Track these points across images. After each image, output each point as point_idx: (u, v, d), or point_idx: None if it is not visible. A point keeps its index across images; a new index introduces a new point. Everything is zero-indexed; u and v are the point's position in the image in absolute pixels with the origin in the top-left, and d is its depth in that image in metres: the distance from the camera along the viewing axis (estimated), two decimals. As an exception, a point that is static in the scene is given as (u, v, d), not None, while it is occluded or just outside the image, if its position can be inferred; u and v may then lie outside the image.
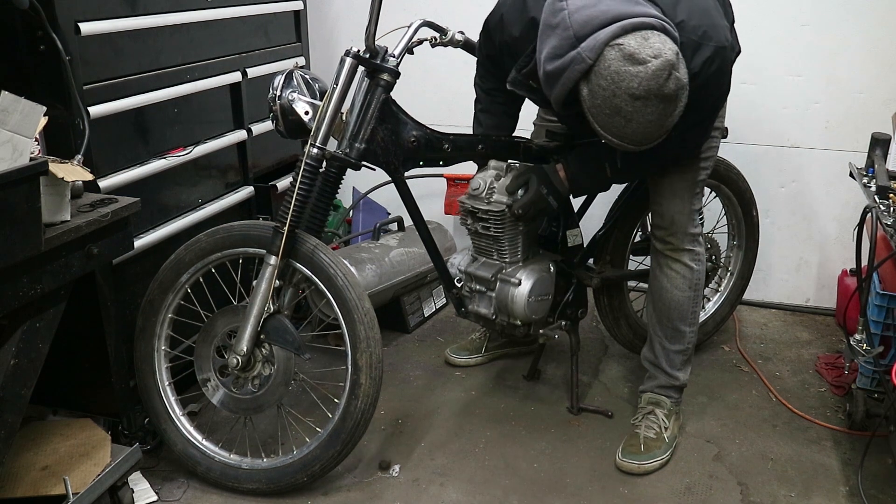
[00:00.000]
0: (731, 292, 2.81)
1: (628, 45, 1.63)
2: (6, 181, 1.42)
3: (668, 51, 1.64)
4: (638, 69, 1.62)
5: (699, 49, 1.78)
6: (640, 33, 1.64)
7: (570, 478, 2.13)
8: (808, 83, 2.85)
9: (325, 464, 2.00)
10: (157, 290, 2.07)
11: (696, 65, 1.77)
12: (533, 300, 2.23)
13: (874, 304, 2.10)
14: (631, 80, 1.63)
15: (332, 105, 1.94)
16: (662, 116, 1.69)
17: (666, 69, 1.63)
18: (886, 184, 2.16)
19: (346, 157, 1.97)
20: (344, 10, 3.28)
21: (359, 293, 1.97)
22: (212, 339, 2.05)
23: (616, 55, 1.63)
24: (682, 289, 2.18)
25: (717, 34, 1.80)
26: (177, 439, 2.09)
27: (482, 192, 2.20)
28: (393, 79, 1.97)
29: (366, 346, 1.96)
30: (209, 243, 2.05)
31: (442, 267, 2.28)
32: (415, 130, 2.07)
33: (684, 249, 2.16)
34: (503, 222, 2.20)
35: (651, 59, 1.62)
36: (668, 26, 1.70)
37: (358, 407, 1.97)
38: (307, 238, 1.98)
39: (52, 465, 1.82)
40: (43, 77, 1.81)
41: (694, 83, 1.74)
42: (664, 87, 1.64)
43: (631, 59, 1.62)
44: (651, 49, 1.63)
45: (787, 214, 3.02)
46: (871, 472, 2.12)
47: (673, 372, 2.26)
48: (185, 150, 2.24)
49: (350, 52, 1.95)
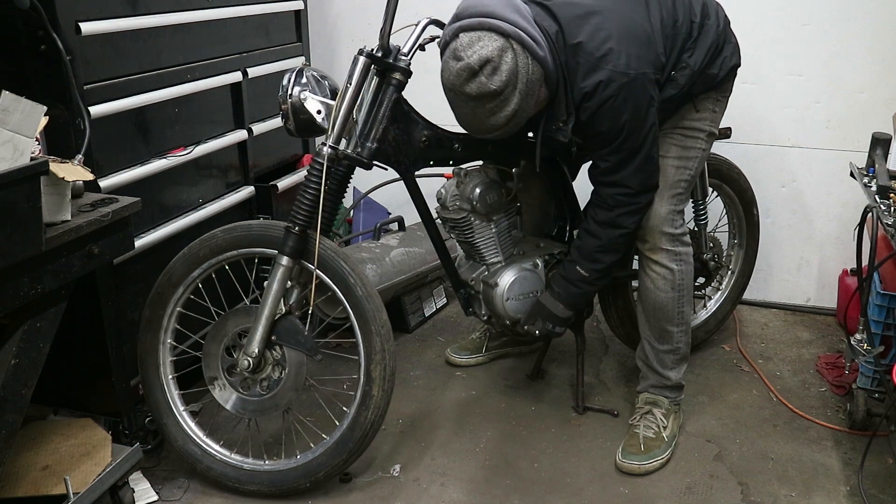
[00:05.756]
0: (731, 290, 2.82)
1: (460, 40, 1.80)
2: (7, 181, 1.42)
3: (476, 56, 1.77)
4: (451, 64, 1.81)
5: (594, 71, 1.87)
6: (476, 33, 1.79)
7: (570, 478, 2.13)
8: (809, 83, 2.85)
9: (330, 471, 1.99)
10: (166, 282, 2.04)
11: (588, 85, 1.88)
12: (512, 300, 2.24)
13: (875, 304, 2.10)
14: (445, 71, 1.83)
15: (345, 104, 1.92)
16: (476, 113, 1.85)
17: (466, 71, 1.78)
18: (887, 183, 2.15)
19: (359, 156, 1.94)
20: (344, 10, 3.28)
21: (378, 304, 1.95)
22: (222, 337, 2.03)
23: (451, 46, 1.82)
24: (664, 289, 2.17)
25: (619, 59, 1.86)
26: (177, 435, 2.07)
27: (445, 200, 2.24)
28: (405, 78, 1.96)
29: (381, 357, 1.94)
30: (226, 240, 2.02)
31: (451, 268, 2.28)
32: (426, 130, 2.07)
33: (662, 249, 2.14)
34: (470, 227, 2.24)
35: (462, 59, 1.78)
36: (529, 40, 1.80)
37: (368, 418, 1.96)
38: (323, 241, 1.95)
39: (52, 465, 1.82)
40: (44, 77, 1.81)
41: (587, 103, 1.90)
42: (464, 87, 1.80)
43: (453, 53, 1.80)
44: (469, 50, 1.78)
45: (787, 214, 3.02)
46: (871, 471, 2.12)
47: (664, 372, 2.26)
48: (185, 150, 2.24)
49: (364, 50, 1.92)
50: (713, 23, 2.08)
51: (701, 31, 2.04)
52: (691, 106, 2.12)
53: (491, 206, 2.23)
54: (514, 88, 1.80)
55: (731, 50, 2.14)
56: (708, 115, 2.16)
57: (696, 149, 2.16)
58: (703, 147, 2.18)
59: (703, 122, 2.15)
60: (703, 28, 2.05)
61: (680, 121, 2.13)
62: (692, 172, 2.16)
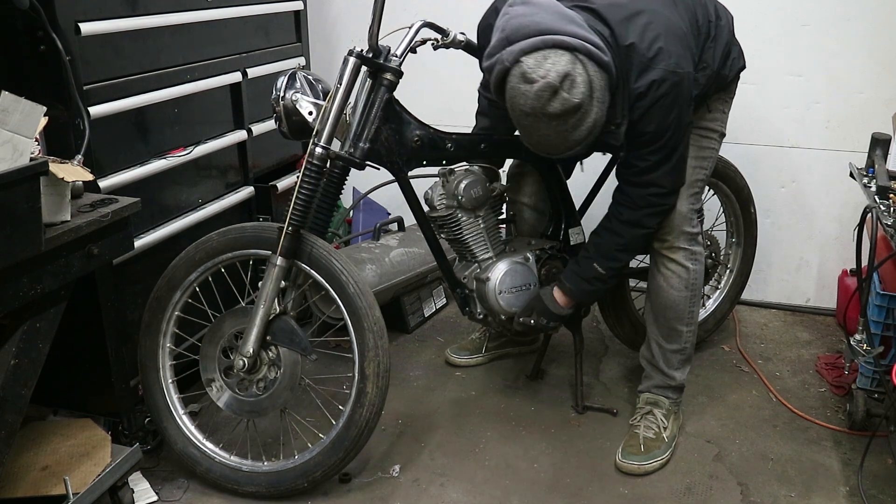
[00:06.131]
0: (730, 289, 2.83)
1: (526, 63, 1.73)
2: (6, 181, 1.42)
3: (554, 73, 1.72)
4: (526, 88, 1.74)
5: (647, 70, 1.86)
6: (542, 52, 1.73)
7: (570, 478, 2.13)
8: (808, 83, 2.85)
9: (327, 470, 1.99)
10: (165, 286, 2.06)
11: (641, 85, 1.86)
12: (505, 293, 2.25)
13: (874, 304, 2.10)
14: (520, 97, 1.76)
15: (335, 105, 1.93)
16: (559, 131, 1.79)
17: (547, 90, 1.72)
18: (886, 184, 2.16)
19: (351, 156, 1.96)
20: (344, 11, 3.28)
21: (370, 301, 1.96)
22: (218, 339, 2.04)
23: (516, 71, 1.75)
24: (679, 288, 2.18)
25: (670, 59, 1.86)
26: (177, 438, 2.08)
27: (433, 200, 2.25)
28: (396, 78, 1.97)
29: (374, 354, 1.95)
30: (221, 243, 2.03)
31: (447, 267, 2.28)
32: (418, 130, 2.07)
33: (680, 248, 2.15)
34: (457, 224, 2.25)
35: (539, 79, 1.72)
36: (594, 48, 1.77)
37: (363, 416, 1.96)
38: (314, 240, 1.97)
39: (52, 465, 1.82)
40: (43, 77, 1.81)
41: (639, 103, 1.86)
42: (547, 107, 1.73)
43: (523, 77, 1.74)
44: (541, 70, 1.72)
45: (787, 214, 3.02)
46: (871, 472, 2.12)
47: (670, 371, 2.26)
48: (185, 150, 2.24)
49: (353, 51, 1.94)
50: (725, 24, 2.10)
51: (717, 32, 2.06)
52: (705, 107, 2.14)
53: (476, 199, 2.23)
54: (591, 98, 1.77)
55: (738, 52, 2.16)
56: (719, 115, 2.19)
57: (711, 148, 2.18)
58: (716, 147, 2.21)
59: (716, 123, 2.19)
60: (718, 28, 2.06)
61: (697, 121, 2.13)
62: (707, 172, 2.19)
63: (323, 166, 1.95)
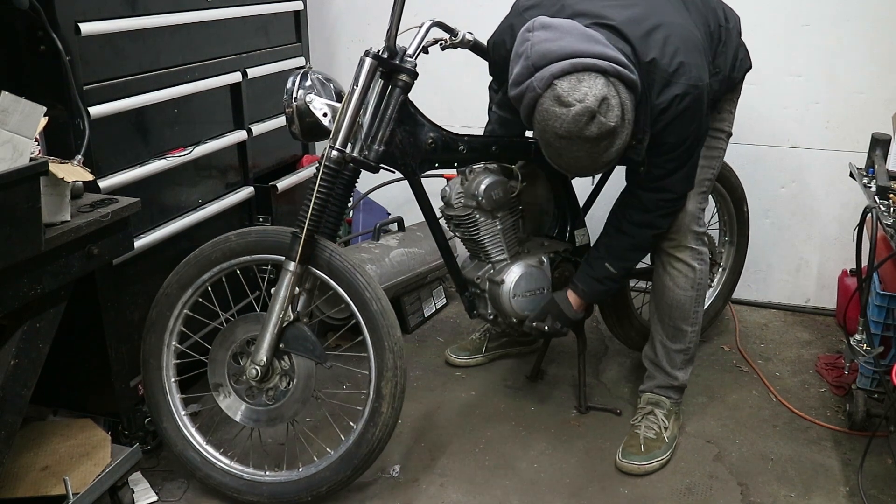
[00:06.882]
0: (723, 287, 2.85)
1: (560, 86, 1.72)
2: (6, 181, 1.42)
3: (592, 97, 1.71)
4: (562, 111, 1.73)
5: (669, 85, 1.86)
6: (575, 76, 1.73)
7: (570, 478, 2.13)
8: (808, 83, 2.85)
9: (333, 487, 1.95)
10: (175, 284, 2.01)
11: (664, 101, 1.86)
12: (519, 297, 2.24)
13: (874, 305, 2.10)
14: (555, 120, 1.74)
15: (352, 106, 1.89)
16: (591, 153, 1.79)
17: (585, 115, 1.71)
18: (886, 184, 2.16)
19: (366, 159, 1.92)
20: (344, 11, 3.28)
21: (392, 321, 1.91)
22: (230, 344, 1.99)
23: (550, 94, 1.74)
24: (685, 288, 2.19)
25: (690, 72, 1.86)
26: (177, 440, 2.04)
27: (450, 198, 2.24)
28: (411, 79, 1.94)
29: (392, 374, 1.91)
30: (239, 244, 1.98)
31: (454, 268, 2.28)
32: (432, 132, 2.05)
33: (687, 247, 2.16)
34: (475, 224, 2.23)
35: (576, 103, 1.71)
36: (623, 69, 1.76)
37: (375, 435, 1.92)
38: (333, 247, 1.92)
39: (52, 466, 1.82)
40: (43, 77, 1.81)
41: (661, 117, 1.88)
42: (584, 131, 1.73)
43: (559, 100, 1.73)
44: (578, 93, 1.71)
45: (787, 214, 3.02)
46: (871, 472, 2.12)
47: (673, 371, 2.27)
48: (185, 151, 2.24)
49: (370, 52, 1.89)
50: (733, 26, 2.10)
51: (727, 36, 2.06)
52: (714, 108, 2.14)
53: (496, 202, 2.22)
54: (624, 120, 1.77)
55: (745, 53, 2.17)
56: (727, 115, 2.21)
57: (718, 149, 2.20)
58: (724, 147, 2.22)
59: (724, 123, 2.20)
60: (728, 32, 2.07)
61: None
62: (714, 172, 2.20)
63: (340, 170, 1.91)
